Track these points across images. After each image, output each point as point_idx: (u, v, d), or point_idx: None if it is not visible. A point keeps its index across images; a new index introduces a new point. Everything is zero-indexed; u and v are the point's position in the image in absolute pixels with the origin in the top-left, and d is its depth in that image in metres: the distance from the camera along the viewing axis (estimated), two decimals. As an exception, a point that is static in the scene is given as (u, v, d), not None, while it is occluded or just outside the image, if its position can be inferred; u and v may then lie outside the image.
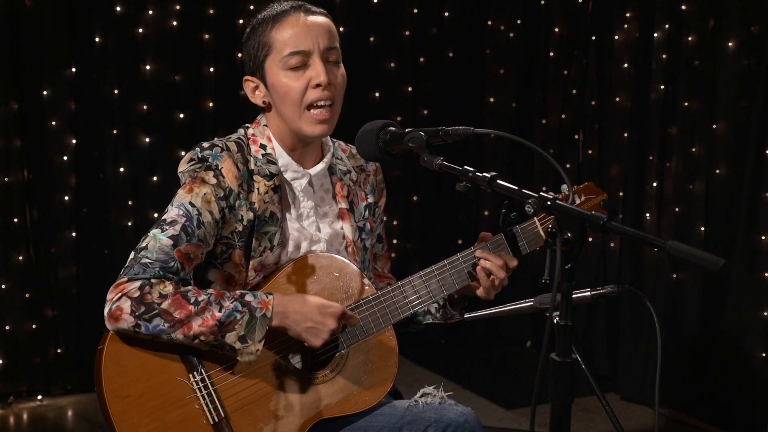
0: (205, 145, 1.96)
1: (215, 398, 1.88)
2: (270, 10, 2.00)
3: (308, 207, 2.04)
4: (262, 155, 1.99)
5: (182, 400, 1.86)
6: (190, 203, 1.90)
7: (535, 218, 2.08)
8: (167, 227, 1.88)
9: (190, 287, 1.86)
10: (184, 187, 1.93)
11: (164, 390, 1.85)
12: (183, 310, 1.81)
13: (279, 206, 1.99)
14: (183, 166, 1.96)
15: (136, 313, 1.80)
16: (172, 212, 1.90)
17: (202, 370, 1.88)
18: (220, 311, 1.82)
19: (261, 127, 2.04)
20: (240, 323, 1.82)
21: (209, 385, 1.88)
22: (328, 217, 2.08)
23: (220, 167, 1.92)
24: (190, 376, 1.87)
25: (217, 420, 1.87)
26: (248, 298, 1.86)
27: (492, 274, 2.00)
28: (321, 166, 2.05)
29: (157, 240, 1.86)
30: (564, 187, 2.11)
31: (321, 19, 1.98)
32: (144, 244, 1.88)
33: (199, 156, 1.94)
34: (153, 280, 1.83)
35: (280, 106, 1.98)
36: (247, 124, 2.07)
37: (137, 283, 1.82)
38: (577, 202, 2.17)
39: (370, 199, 2.16)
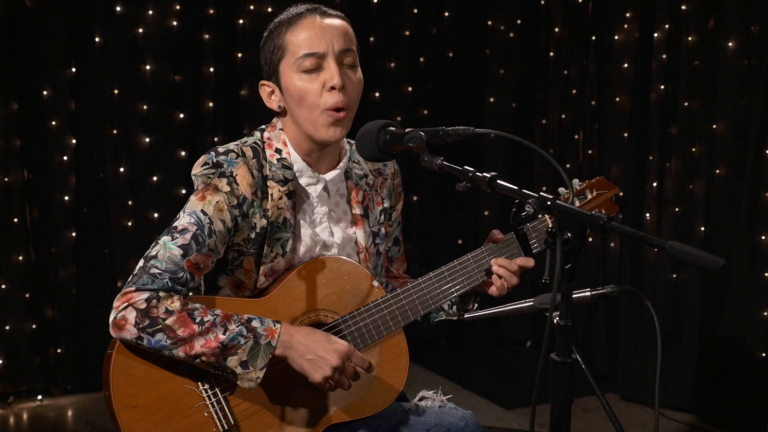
0: (221, 149, 1.92)
1: (224, 406, 1.86)
2: (286, 14, 1.97)
3: (322, 212, 2.02)
4: (277, 160, 1.96)
5: (191, 408, 1.85)
6: (202, 211, 1.86)
7: (547, 216, 2.07)
8: (177, 235, 1.84)
9: (197, 305, 1.83)
10: (196, 194, 1.89)
11: (173, 399, 1.84)
12: (187, 328, 1.79)
13: (293, 212, 1.96)
14: (196, 170, 1.92)
15: (140, 326, 1.78)
16: (184, 220, 1.87)
17: (211, 378, 1.86)
18: (224, 334, 1.80)
19: (277, 130, 2.00)
20: (243, 348, 1.80)
21: (218, 393, 1.87)
22: (342, 222, 2.05)
23: (234, 174, 1.89)
24: (199, 384, 1.86)
25: (227, 428, 1.86)
26: (255, 323, 1.83)
27: (504, 280, 2.00)
28: (336, 171, 2.02)
29: (167, 249, 1.83)
30: (576, 181, 2.11)
31: (337, 22, 1.95)
32: (154, 253, 1.84)
33: (214, 161, 1.90)
34: (161, 294, 1.80)
35: (295, 109, 1.94)
36: (263, 126, 2.03)
37: (145, 295, 1.80)
38: (589, 197, 2.16)
39: (386, 204, 2.13)
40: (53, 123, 4.05)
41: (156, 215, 4.22)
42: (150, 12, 4.19)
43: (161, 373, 1.84)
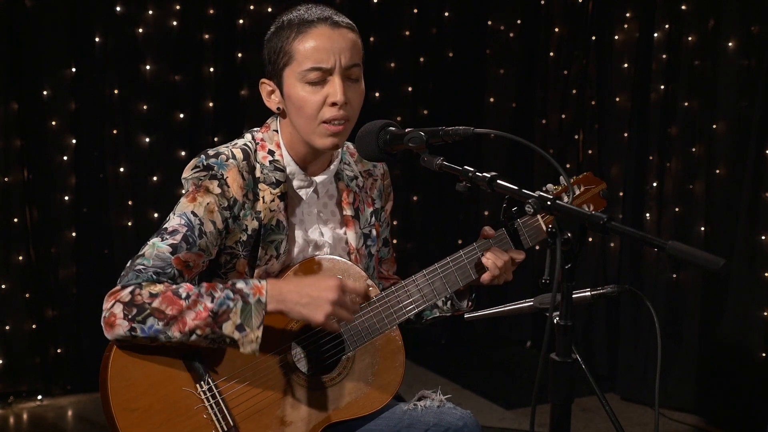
0: (211, 152, 1.92)
1: (223, 407, 1.86)
2: (296, 14, 1.93)
3: (312, 214, 2.03)
4: (270, 162, 1.96)
5: (190, 410, 1.84)
6: (193, 212, 1.87)
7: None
8: (167, 236, 1.85)
9: (182, 283, 1.83)
10: (187, 196, 1.90)
11: (172, 401, 1.83)
12: (174, 305, 1.78)
13: (285, 214, 1.96)
14: (187, 173, 1.92)
15: (129, 316, 1.77)
16: (174, 221, 1.87)
17: (209, 380, 1.86)
18: (212, 302, 1.79)
19: (270, 132, 2.00)
20: (234, 311, 1.79)
21: (216, 394, 1.86)
22: (330, 223, 2.06)
23: (225, 177, 1.89)
24: (197, 386, 1.85)
25: (226, 429, 1.86)
26: (240, 285, 1.82)
27: (498, 269, 2.00)
28: (326, 175, 2.02)
29: (155, 248, 1.84)
30: (561, 179, 2.12)
31: (346, 34, 1.93)
32: (141, 252, 1.85)
33: (204, 164, 1.90)
34: (144, 283, 1.81)
35: (294, 117, 1.94)
36: (255, 128, 2.03)
37: (129, 289, 1.80)
38: (577, 192, 2.17)
39: (377, 205, 2.14)
40: (53, 123, 4.05)
41: (156, 215, 4.22)
42: (150, 12, 4.19)
43: (159, 376, 1.83)
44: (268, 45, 1.96)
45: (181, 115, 4.31)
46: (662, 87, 4.04)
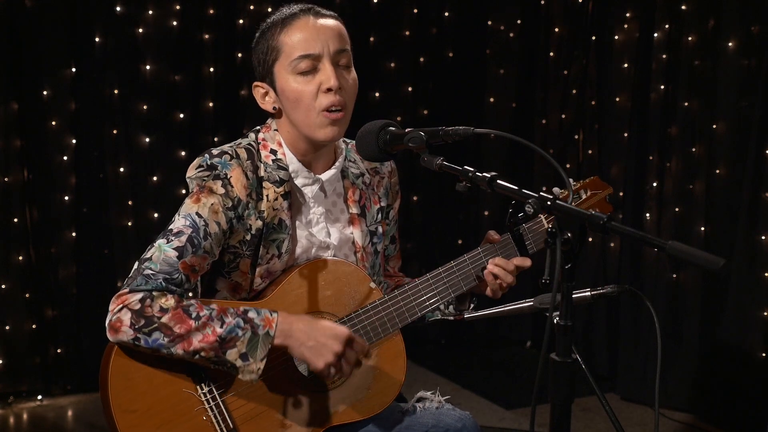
0: (215, 151, 1.91)
1: (223, 410, 1.86)
2: (279, 14, 1.95)
3: (318, 213, 2.02)
4: (273, 161, 1.95)
5: (190, 412, 1.84)
6: (197, 214, 1.86)
7: (542, 217, 2.08)
8: (173, 238, 1.84)
9: (192, 301, 1.82)
10: (191, 197, 1.89)
11: (172, 403, 1.83)
12: (183, 324, 1.78)
13: (288, 213, 1.96)
14: (191, 172, 1.91)
15: (136, 326, 1.77)
16: (179, 222, 1.86)
17: (210, 382, 1.86)
18: (221, 327, 1.79)
19: (271, 131, 2.00)
20: (241, 340, 1.79)
21: (217, 396, 1.86)
22: (340, 222, 2.05)
23: (229, 176, 1.88)
24: (198, 388, 1.85)
25: None
26: (251, 314, 1.82)
27: (500, 279, 2.00)
28: (332, 171, 2.02)
29: (162, 251, 1.83)
30: (570, 181, 2.11)
31: (331, 22, 1.94)
32: (148, 255, 1.84)
33: (208, 163, 1.89)
34: (155, 293, 1.79)
35: (291, 111, 1.94)
36: (257, 128, 2.02)
37: (139, 295, 1.79)
38: (583, 197, 2.17)
39: (383, 202, 2.13)
40: (53, 123, 4.05)
41: (156, 215, 4.22)
42: (150, 12, 4.19)
43: (160, 377, 1.83)
44: (256, 49, 1.97)
45: (181, 115, 4.31)
46: (662, 87, 4.04)
